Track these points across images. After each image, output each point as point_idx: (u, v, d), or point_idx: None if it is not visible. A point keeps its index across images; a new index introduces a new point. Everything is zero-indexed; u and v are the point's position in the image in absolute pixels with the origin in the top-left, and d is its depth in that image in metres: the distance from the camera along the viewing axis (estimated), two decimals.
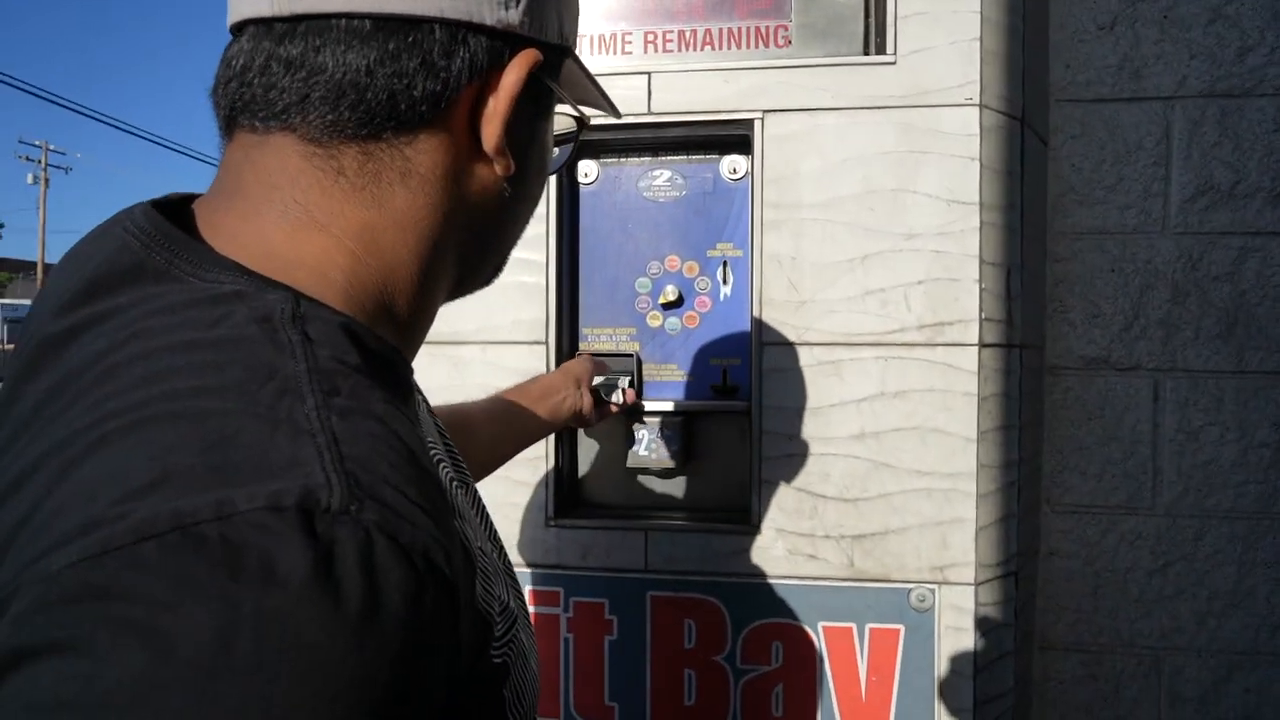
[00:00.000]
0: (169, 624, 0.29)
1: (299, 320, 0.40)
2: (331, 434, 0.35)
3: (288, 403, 0.36)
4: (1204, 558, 1.36)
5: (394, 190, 0.46)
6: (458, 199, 0.48)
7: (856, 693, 1.14)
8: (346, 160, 0.45)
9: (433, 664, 0.35)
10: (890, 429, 1.13)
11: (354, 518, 0.33)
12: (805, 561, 1.15)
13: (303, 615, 0.30)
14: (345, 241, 0.45)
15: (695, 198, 1.22)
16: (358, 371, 0.40)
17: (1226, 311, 1.35)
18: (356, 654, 0.31)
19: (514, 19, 0.46)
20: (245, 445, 0.34)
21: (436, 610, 0.35)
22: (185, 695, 0.29)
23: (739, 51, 1.19)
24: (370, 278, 0.45)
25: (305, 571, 0.31)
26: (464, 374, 1.22)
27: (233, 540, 0.31)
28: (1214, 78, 1.34)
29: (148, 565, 0.30)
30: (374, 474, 0.35)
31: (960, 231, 1.12)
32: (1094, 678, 1.39)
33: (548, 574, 1.20)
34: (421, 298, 0.49)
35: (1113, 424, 1.38)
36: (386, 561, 0.33)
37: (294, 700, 0.30)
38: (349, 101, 0.44)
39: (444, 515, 0.39)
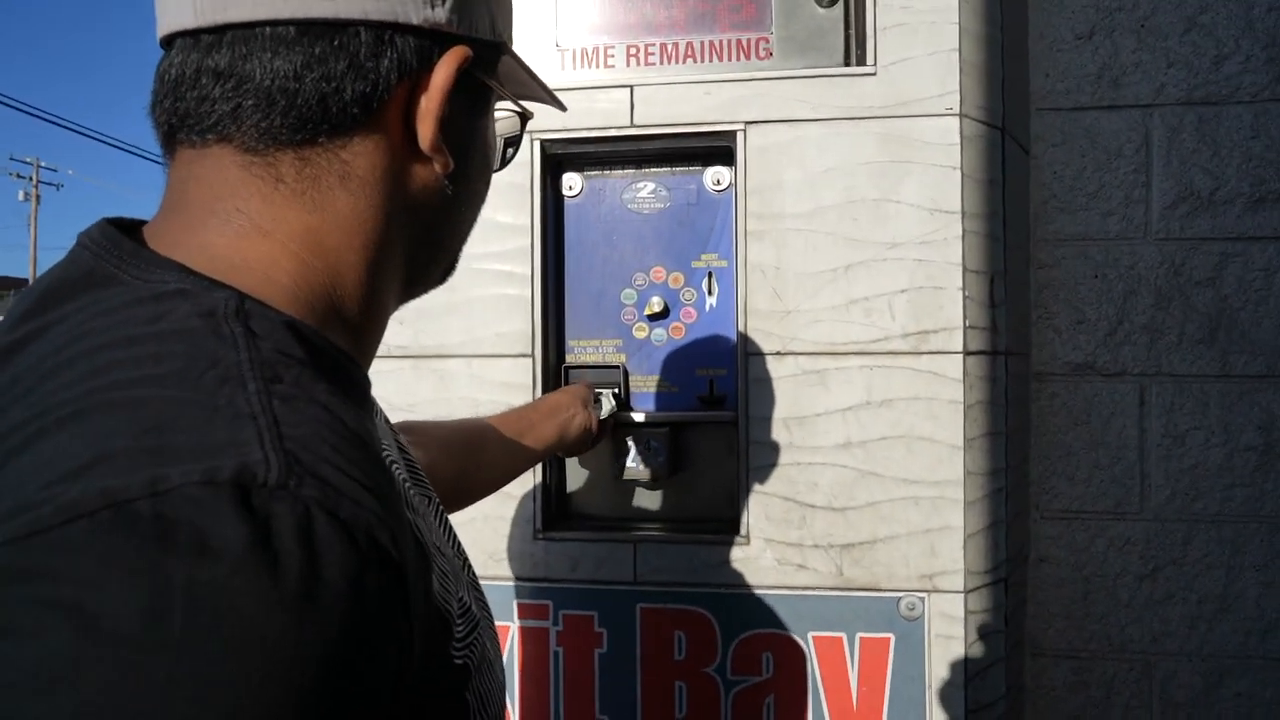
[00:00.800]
0: (95, 601, 0.29)
1: (242, 315, 0.40)
2: (272, 416, 0.35)
3: (228, 390, 0.36)
4: (1193, 562, 1.36)
5: (334, 194, 0.46)
6: (399, 199, 0.48)
7: (848, 702, 1.13)
8: (284, 167, 0.45)
9: (377, 647, 0.34)
10: (877, 438, 1.13)
11: (292, 493, 0.33)
12: (794, 571, 1.15)
13: (237, 589, 0.30)
14: (289, 245, 0.45)
15: (679, 209, 1.23)
16: (301, 364, 0.40)
17: (1209, 316, 1.36)
18: (294, 631, 0.30)
19: (440, 17, 0.46)
20: (183, 428, 0.34)
21: (381, 591, 0.34)
22: (111, 672, 0.28)
23: (721, 64, 1.20)
24: (317, 280, 0.46)
25: (240, 545, 0.30)
26: (449, 388, 1.21)
27: (165, 515, 0.30)
28: (1191, 86, 1.36)
29: (75, 545, 0.30)
30: (315, 454, 0.35)
31: (943, 240, 1.13)
32: (1085, 684, 1.38)
33: (537, 587, 1.19)
34: (370, 300, 0.49)
35: (1099, 429, 1.38)
36: (326, 537, 0.32)
37: (226, 677, 0.29)
38: (280, 108, 0.44)
39: (391, 500, 0.38)
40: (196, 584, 0.29)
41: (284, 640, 0.30)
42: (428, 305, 1.18)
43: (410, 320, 1.19)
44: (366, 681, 0.33)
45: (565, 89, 1.19)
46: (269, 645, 0.30)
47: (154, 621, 0.29)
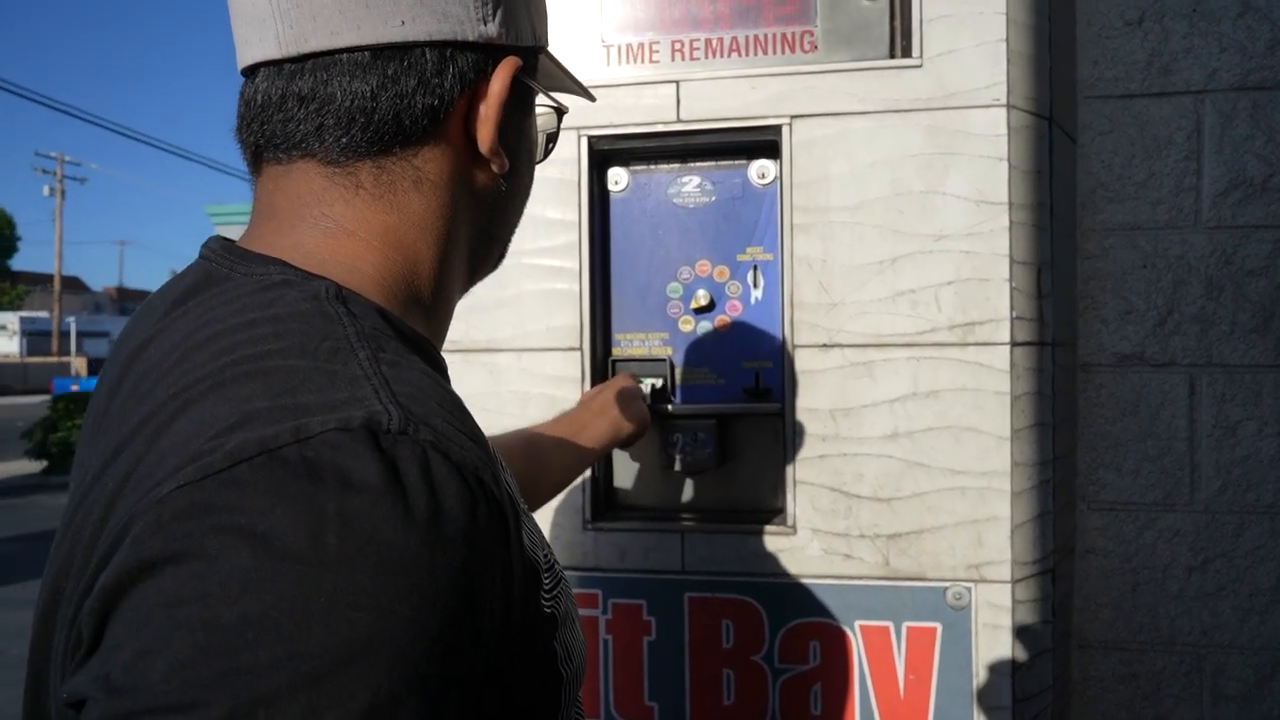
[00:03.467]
0: (267, 527, 0.35)
1: (341, 298, 0.46)
2: (383, 377, 0.41)
3: (342, 357, 0.42)
4: (1245, 554, 1.35)
5: (409, 196, 0.51)
6: (465, 198, 0.54)
7: (895, 691, 1.14)
8: (363, 176, 0.50)
9: (490, 574, 0.40)
10: (923, 428, 1.14)
11: (412, 438, 0.38)
12: (841, 561, 1.16)
13: (378, 516, 0.36)
14: (372, 242, 0.50)
15: (724, 203, 1.24)
16: (397, 339, 0.47)
17: (1262, 305, 1.34)
18: (427, 551, 0.36)
19: (493, 32, 0.51)
20: (310, 390, 0.40)
21: (490, 524, 0.40)
22: (285, 582, 0.34)
23: (765, 58, 1.21)
24: (397, 271, 0.51)
25: (376, 479, 0.36)
26: (500, 381, 1.24)
27: (310, 458, 0.36)
28: (1245, 71, 1.33)
29: (242, 482, 0.36)
30: (424, 407, 0.41)
31: (990, 231, 1.13)
32: (1134, 676, 1.38)
33: (586, 576, 1.22)
34: (441, 288, 0.54)
35: (1148, 420, 1.37)
36: (443, 474, 0.38)
37: (378, 588, 0.35)
38: (359, 125, 0.49)
39: (488, 450, 0.44)
40: (346, 512, 0.35)
41: (420, 559, 0.36)
42: (478, 300, 1.21)
43: (462, 315, 1.21)
44: (483, 601, 0.39)
45: (610, 85, 1.21)
46: (408, 563, 0.36)
47: (315, 541, 0.35)
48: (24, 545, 6.79)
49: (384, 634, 0.35)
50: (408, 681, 0.35)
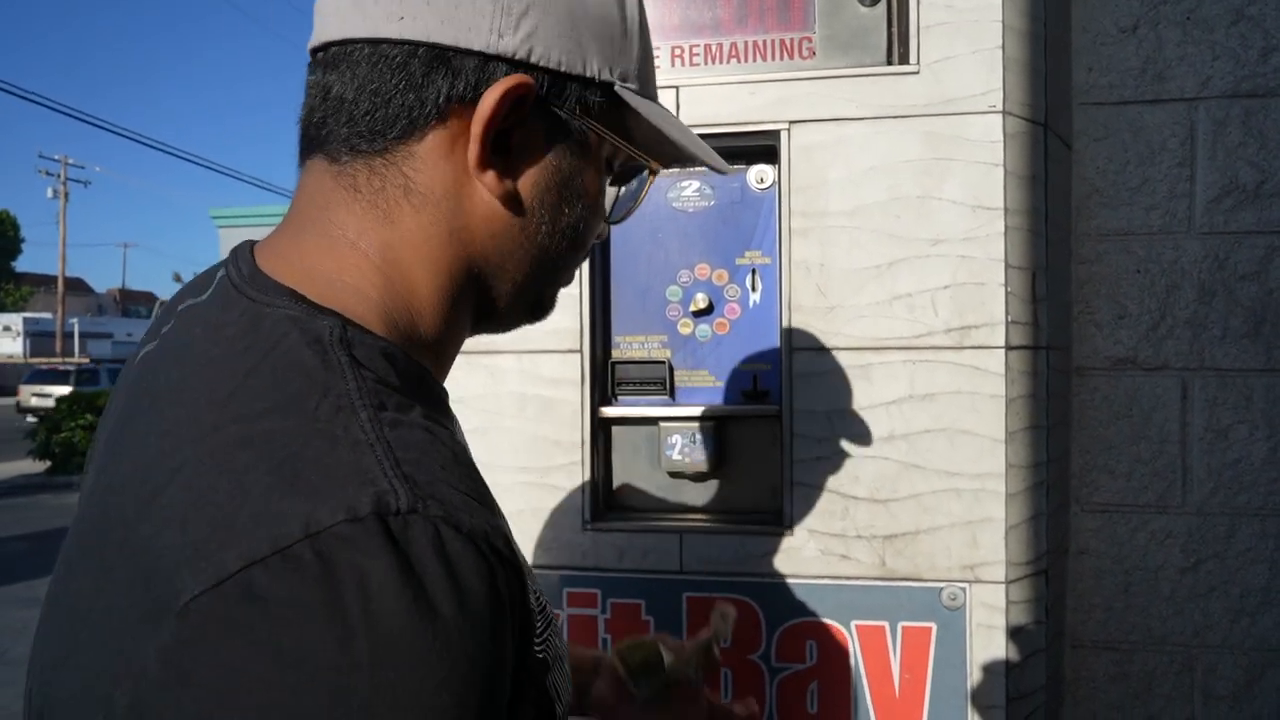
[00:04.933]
0: (293, 641, 0.35)
1: (345, 344, 0.44)
2: (386, 443, 0.40)
3: (344, 419, 0.40)
4: (1236, 555, 1.36)
5: (400, 206, 0.49)
6: (460, 218, 0.49)
7: (890, 690, 1.16)
8: (360, 177, 0.49)
9: (510, 636, 0.40)
10: (919, 430, 1.15)
11: (422, 515, 0.37)
12: (837, 561, 1.17)
13: (403, 612, 0.35)
14: (373, 258, 0.48)
15: (724, 207, 1.25)
16: (398, 391, 0.44)
17: (1254, 310, 1.35)
18: (458, 636, 0.36)
19: (508, 46, 0.47)
20: (312, 460, 0.38)
21: (509, 588, 0.40)
22: (323, 694, 0.34)
23: (764, 64, 1.22)
24: (398, 295, 0.49)
25: (396, 577, 0.36)
26: (500, 383, 1.25)
27: (325, 556, 0.35)
28: (1238, 78, 1.35)
29: (260, 594, 0.35)
30: (430, 474, 0.40)
31: (985, 236, 1.14)
32: (1126, 676, 1.39)
33: (585, 576, 1.23)
34: (443, 318, 0.51)
35: (1141, 423, 1.39)
36: (457, 550, 0.38)
37: (418, 685, 0.35)
38: (349, 119, 0.48)
39: (493, 505, 0.43)
40: (369, 612, 0.35)
41: (451, 645, 0.36)
42: None
43: None
44: (507, 664, 0.40)
45: None
46: (440, 651, 0.36)
47: (345, 648, 0.34)
48: (28, 544, 6.80)
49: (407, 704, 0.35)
50: None
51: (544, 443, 1.25)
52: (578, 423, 1.23)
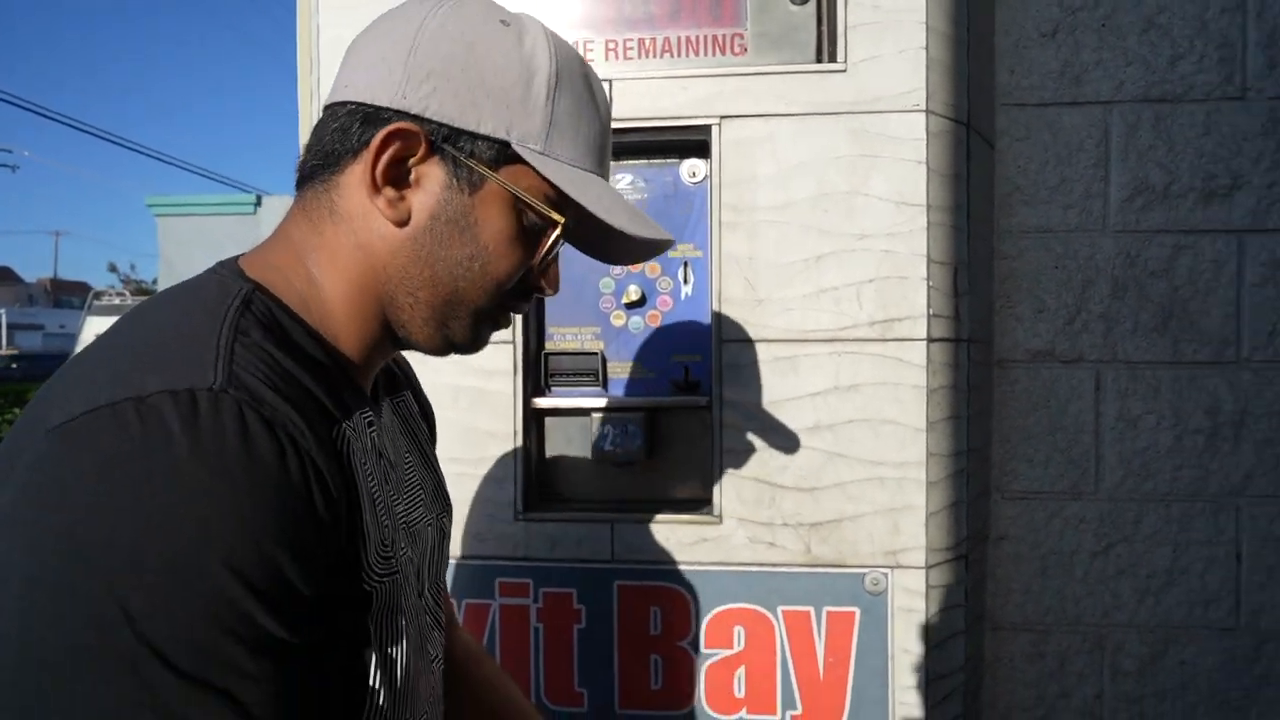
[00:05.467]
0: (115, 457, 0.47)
1: (245, 295, 0.58)
2: (230, 351, 0.53)
3: (208, 332, 0.54)
4: (1143, 539, 1.43)
5: (326, 222, 0.64)
6: (365, 234, 0.63)
7: (815, 672, 1.19)
8: (308, 201, 0.65)
9: (297, 503, 0.50)
10: (844, 421, 1.19)
11: (230, 396, 0.50)
12: (765, 549, 1.20)
13: (197, 456, 0.47)
14: (302, 257, 0.63)
15: (657, 200, 1.27)
16: (269, 333, 0.57)
17: (1162, 305, 1.42)
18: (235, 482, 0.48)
19: (410, 104, 0.60)
20: (170, 350, 0.52)
21: (298, 470, 0.51)
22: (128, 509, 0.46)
23: (697, 59, 1.23)
24: (314, 289, 0.63)
25: (190, 432, 0.48)
26: (433, 373, 1.24)
27: (142, 414, 0.48)
28: (1148, 84, 1.41)
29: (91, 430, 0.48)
30: (252, 376, 0.52)
31: (909, 232, 1.18)
32: (1042, 655, 1.45)
33: (517, 566, 1.24)
34: (349, 318, 0.64)
35: (1058, 414, 1.44)
36: (252, 421, 0.49)
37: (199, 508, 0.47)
38: (312, 159, 0.64)
39: (314, 421, 0.54)
40: (170, 454, 0.47)
41: (231, 486, 0.48)
42: None
43: None
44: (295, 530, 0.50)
45: None
46: (218, 490, 0.47)
47: (146, 478, 0.46)
48: None
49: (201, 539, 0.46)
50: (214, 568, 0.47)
51: (477, 433, 1.25)
52: (510, 413, 1.24)
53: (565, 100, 0.63)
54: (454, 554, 1.24)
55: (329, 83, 1.26)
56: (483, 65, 0.61)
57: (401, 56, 0.61)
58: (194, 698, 0.46)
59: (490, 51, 0.61)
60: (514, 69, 0.62)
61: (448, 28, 0.61)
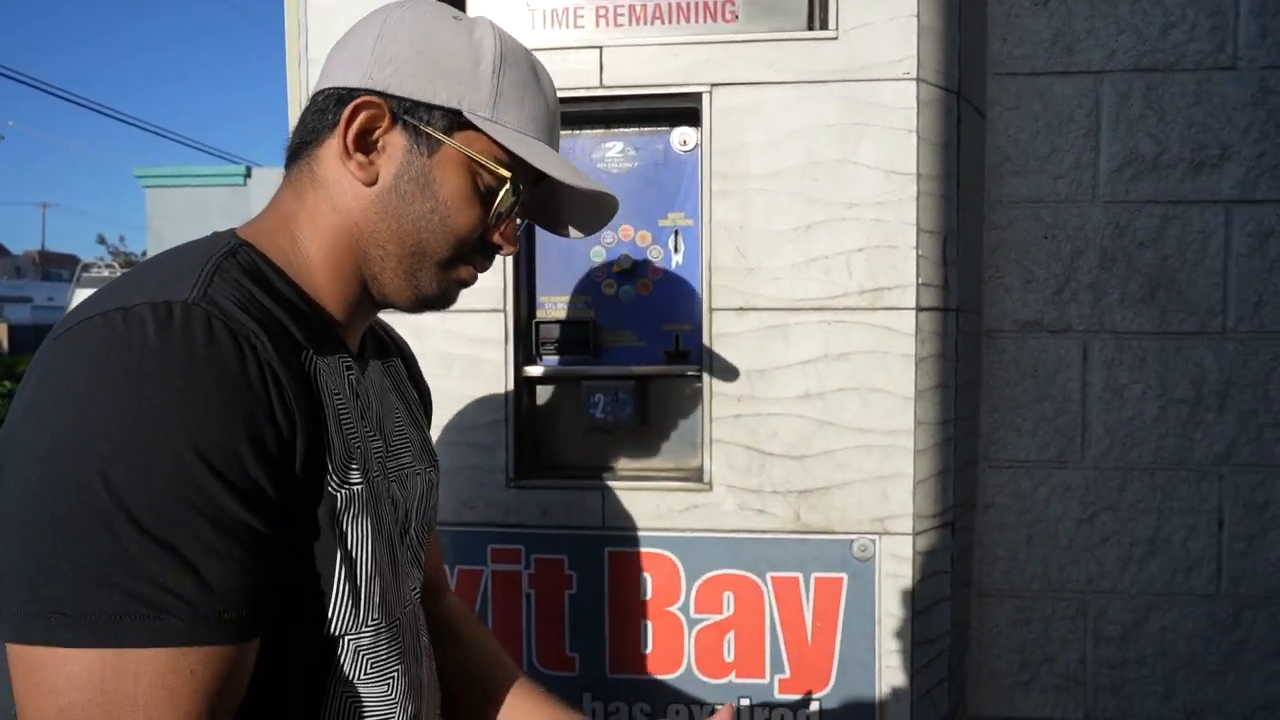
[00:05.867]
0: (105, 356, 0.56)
1: (232, 247, 0.67)
2: (209, 279, 0.61)
3: (195, 268, 0.62)
4: (1127, 507, 1.45)
5: (308, 189, 0.72)
6: (341, 197, 0.71)
7: (803, 637, 1.21)
8: (293, 174, 0.73)
9: (255, 402, 0.58)
10: (833, 389, 1.19)
11: (199, 307, 0.58)
12: (754, 516, 1.21)
13: (169, 351, 0.55)
14: (288, 220, 0.72)
15: (647, 169, 1.26)
16: (247, 277, 0.65)
17: (1150, 276, 1.43)
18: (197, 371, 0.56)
19: (376, 82, 0.69)
20: (158, 279, 0.61)
21: (258, 374, 0.58)
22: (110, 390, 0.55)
23: (687, 26, 1.22)
24: (296, 246, 0.71)
25: (163, 330, 0.56)
26: (424, 341, 1.25)
27: (127, 319, 0.56)
28: (1140, 53, 1.41)
29: (86, 332, 0.57)
30: (223, 297, 0.60)
31: (898, 201, 1.18)
32: (1026, 621, 1.48)
33: (509, 532, 1.25)
34: (329, 271, 0.72)
35: (1045, 383, 1.46)
36: (219, 330, 0.57)
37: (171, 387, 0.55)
38: (297, 139, 0.73)
39: (280, 341, 0.62)
40: (144, 347, 0.55)
41: (188, 371, 0.56)
42: None
43: None
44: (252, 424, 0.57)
45: (535, 49, 1.21)
46: (173, 373, 0.55)
47: (125, 366, 0.55)
48: None
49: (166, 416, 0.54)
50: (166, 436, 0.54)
51: (469, 402, 1.25)
52: (502, 382, 1.24)
53: (510, 76, 0.72)
54: (447, 520, 1.25)
55: (317, 50, 1.26)
56: (437, 49, 0.70)
57: (369, 46, 0.71)
58: (159, 557, 0.53)
59: (443, 38, 0.71)
60: (463, 52, 0.71)
61: (407, 20, 0.71)
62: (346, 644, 0.66)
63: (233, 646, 0.56)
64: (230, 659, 0.56)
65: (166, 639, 0.53)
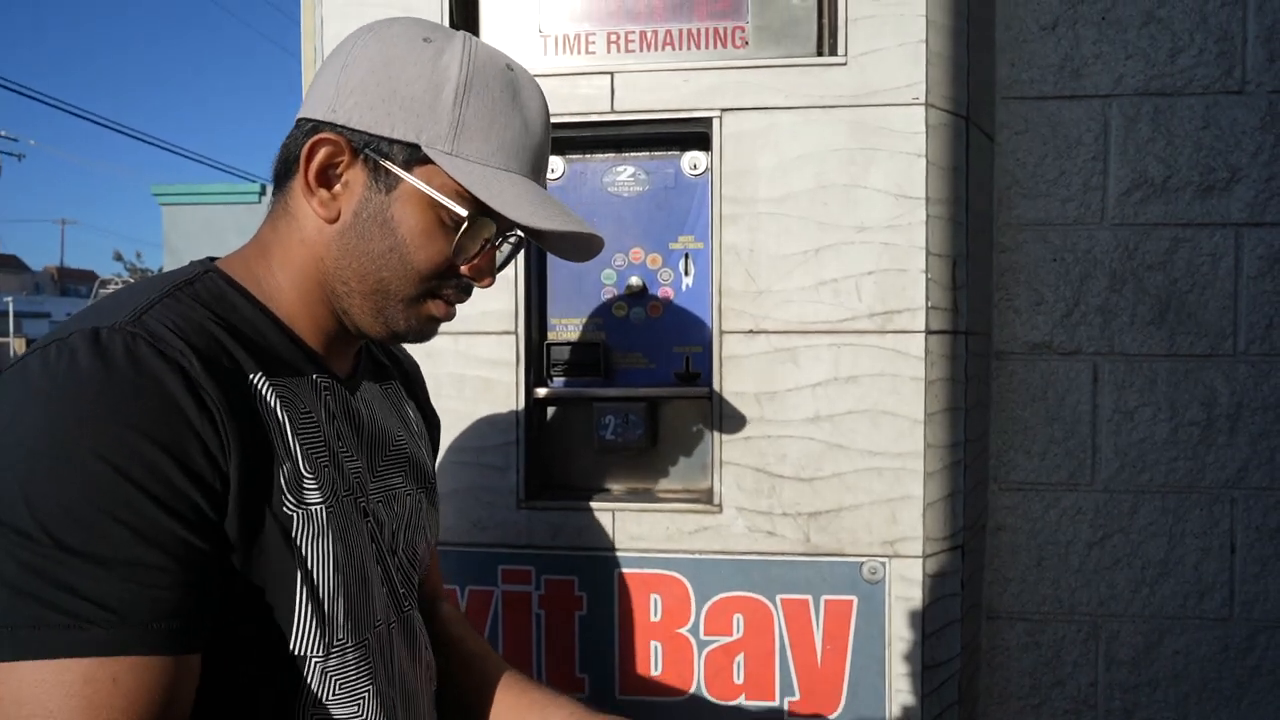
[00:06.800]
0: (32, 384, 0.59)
1: (196, 274, 0.70)
2: (149, 305, 0.63)
3: (142, 299, 0.64)
4: (1139, 530, 1.44)
5: (281, 220, 0.74)
6: (307, 231, 0.72)
7: (813, 660, 1.21)
8: (274, 205, 0.75)
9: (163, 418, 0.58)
10: (843, 412, 1.20)
11: (127, 332, 0.60)
12: (764, 538, 1.22)
13: (89, 371, 0.58)
14: (263, 249, 0.74)
15: (658, 192, 1.28)
16: (200, 306, 0.66)
17: (1159, 298, 1.43)
18: (113, 388, 0.57)
19: (337, 117, 0.69)
20: (106, 311, 0.63)
21: (181, 389, 0.59)
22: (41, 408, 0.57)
23: (698, 52, 1.24)
24: (268, 273, 0.73)
25: (91, 356, 0.58)
26: (436, 364, 1.26)
27: (59, 349, 0.59)
28: (1148, 77, 1.42)
29: (29, 362, 0.60)
30: (158, 322, 0.62)
31: (908, 225, 1.19)
32: (1037, 644, 1.47)
33: (519, 553, 1.25)
34: (298, 300, 0.73)
35: (1055, 405, 1.46)
36: (143, 350, 0.59)
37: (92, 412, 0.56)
38: (274, 168, 0.75)
39: (216, 363, 0.63)
40: (73, 370, 0.58)
41: (103, 394, 0.57)
42: None
43: None
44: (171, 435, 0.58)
45: (546, 75, 1.23)
46: (105, 403, 0.57)
47: (55, 388, 0.57)
48: None
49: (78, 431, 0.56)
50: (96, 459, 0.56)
51: (480, 423, 1.26)
52: (513, 403, 1.25)
53: (477, 103, 0.69)
54: (458, 540, 1.26)
55: None
56: (395, 79, 0.69)
57: (335, 76, 0.70)
58: (77, 568, 0.54)
59: (404, 66, 0.69)
60: (423, 80, 0.69)
61: (370, 48, 0.70)
62: (313, 666, 0.66)
63: (164, 658, 0.55)
64: (163, 671, 0.55)
65: (87, 649, 0.53)
